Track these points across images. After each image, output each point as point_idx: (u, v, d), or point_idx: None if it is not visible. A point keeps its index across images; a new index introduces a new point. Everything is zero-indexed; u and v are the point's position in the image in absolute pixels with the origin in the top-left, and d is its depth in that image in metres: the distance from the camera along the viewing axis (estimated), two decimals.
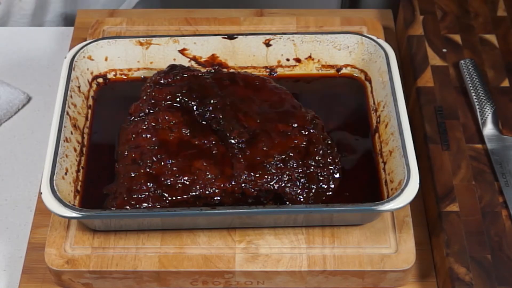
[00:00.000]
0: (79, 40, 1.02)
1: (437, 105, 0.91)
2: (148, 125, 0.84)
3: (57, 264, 0.80)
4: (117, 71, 0.94)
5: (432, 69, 0.95)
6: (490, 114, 0.89)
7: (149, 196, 0.79)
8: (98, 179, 0.84)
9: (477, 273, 0.77)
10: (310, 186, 0.81)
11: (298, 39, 0.93)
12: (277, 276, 0.80)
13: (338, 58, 0.94)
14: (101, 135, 0.89)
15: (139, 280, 0.81)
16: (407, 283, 0.82)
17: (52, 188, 0.78)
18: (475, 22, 1.00)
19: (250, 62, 0.94)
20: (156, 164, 0.81)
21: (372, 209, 0.77)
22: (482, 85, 0.91)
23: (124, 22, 1.03)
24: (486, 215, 0.82)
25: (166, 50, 0.93)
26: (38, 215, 0.87)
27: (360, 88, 0.93)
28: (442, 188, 0.84)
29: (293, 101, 0.88)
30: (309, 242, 0.81)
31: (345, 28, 1.01)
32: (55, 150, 0.81)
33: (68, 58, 0.90)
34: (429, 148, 0.87)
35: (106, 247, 0.81)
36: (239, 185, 0.80)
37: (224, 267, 0.80)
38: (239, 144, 0.83)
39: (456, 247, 0.79)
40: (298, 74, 0.95)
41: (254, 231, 0.82)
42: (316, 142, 0.84)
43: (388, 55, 0.89)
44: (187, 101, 0.87)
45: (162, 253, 0.81)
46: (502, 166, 0.85)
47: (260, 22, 1.03)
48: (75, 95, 0.88)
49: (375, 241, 0.81)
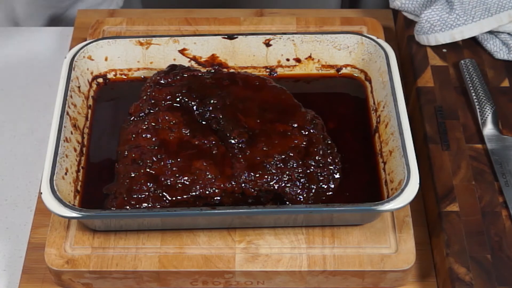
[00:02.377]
0: (79, 40, 1.02)
1: (437, 105, 0.91)
2: (148, 125, 0.84)
3: (57, 264, 0.80)
4: (117, 71, 0.94)
5: (432, 69, 0.95)
6: (490, 114, 0.89)
7: (149, 196, 0.79)
8: (98, 179, 0.84)
9: (477, 273, 0.77)
10: (310, 186, 0.81)
11: (298, 39, 0.93)
12: (277, 276, 0.80)
13: (338, 58, 0.94)
14: (101, 135, 0.89)
15: (139, 280, 0.81)
16: (407, 283, 0.82)
17: (52, 188, 0.78)
18: None
19: (250, 62, 0.94)
20: (156, 164, 0.81)
21: (372, 209, 0.77)
22: (482, 85, 0.91)
23: (124, 22, 1.03)
24: (486, 215, 0.82)
25: (166, 50, 0.93)
26: (38, 215, 0.87)
27: (360, 88, 0.93)
28: (442, 188, 0.84)
29: (293, 101, 0.88)
30: (309, 242, 0.81)
31: (345, 28, 1.01)
32: (55, 150, 0.81)
33: (68, 58, 0.90)
34: (429, 148, 0.87)
35: (106, 247, 0.81)
36: (239, 185, 0.80)
37: (224, 267, 0.80)
38: (239, 144, 0.83)
39: (456, 247, 0.79)
40: (298, 74, 0.95)
41: (254, 231, 0.82)
42: (316, 142, 0.84)
43: (388, 55, 0.89)
44: (187, 101, 0.87)
45: (162, 253, 0.81)
46: (502, 166, 0.85)
47: (260, 22, 1.03)
48: (75, 95, 0.88)
49: (375, 241, 0.81)
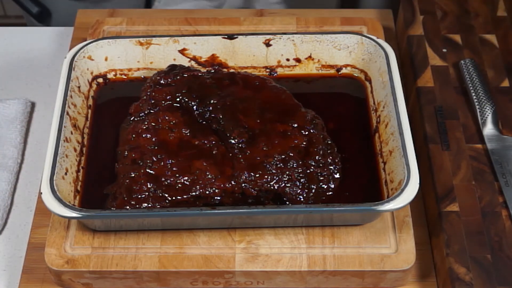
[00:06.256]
0: (79, 40, 1.02)
1: (437, 105, 0.91)
2: (148, 125, 0.84)
3: (57, 264, 0.80)
4: (117, 71, 0.94)
5: (432, 69, 0.95)
6: (490, 114, 0.89)
7: (149, 196, 0.79)
8: (98, 179, 0.84)
9: (477, 273, 0.77)
10: (310, 186, 0.81)
11: (298, 39, 0.93)
12: (277, 276, 0.80)
13: (338, 58, 0.94)
14: (101, 135, 0.89)
15: (139, 280, 0.81)
16: (407, 283, 0.82)
17: (52, 188, 0.78)
18: (475, 22, 1.00)
19: (250, 62, 0.94)
20: (156, 164, 0.81)
21: (372, 209, 0.77)
22: (482, 85, 0.91)
23: (124, 22, 1.03)
24: (486, 215, 0.82)
25: (166, 50, 0.93)
26: (38, 215, 0.87)
27: (360, 88, 0.93)
28: (442, 188, 0.84)
29: (293, 101, 0.88)
30: (309, 242, 0.81)
31: (345, 28, 1.01)
32: (55, 150, 0.81)
33: (68, 58, 0.90)
34: (429, 148, 0.87)
35: (106, 247, 0.81)
36: (239, 185, 0.80)
37: (224, 267, 0.80)
38: (239, 144, 0.83)
39: (456, 247, 0.79)
40: (298, 74, 0.95)
41: (254, 231, 0.82)
42: (316, 142, 0.84)
43: (388, 55, 0.89)
44: (187, 101, 0.87)
45: (162, 253, 0.81)
46: (502, 166, 0.85)
47: (260, 22, 1.03)
48: (75, 95, 0.88)
49: (375, 241, 0.81)
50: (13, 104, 0.98)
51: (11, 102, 0.98)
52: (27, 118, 0.98)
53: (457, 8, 1.02)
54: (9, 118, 0.97)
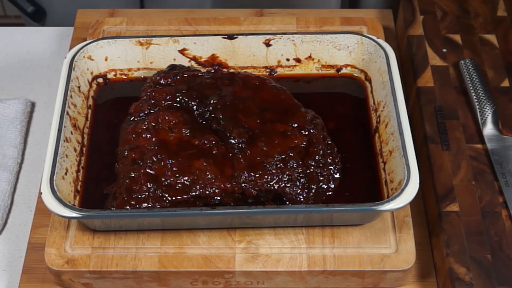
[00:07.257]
0: (79, 40, 1.02)
1: (437, 105, 0.91)
2: (148, 125, 0.84)
3: (57, 264, 0.80)
4: (117, 71, 0.94)
5: (432, 69, 0.95)
6: (490, 114, 0.89)
7: (149, 196, 0.79)
8: (98, 179, 0.85)
9: (477, 273, 0.77)
10: (310, 186, 0.81)
11: (298, 39, 0.93)
12: (277, 276, 0.80)
13: (338, 58, 0.94)
14: (101, 135, 0.89)
15: (139, 280, 0.81)
16: (407, 283, 0.82)
17: (52, 188, 0.78)
18: (475, 22, 1.00)
19: (250, 62, 0.94)
20: (156, 164, 0.81)
21: (372, 209, 0.77)
22: (482, 85, 0.91)
23: (124, 22, 1.03)
24: (486, 215, 0.82)
25: (166, 50, 0.93)
26: (38, 215, 0.87)
27: (360, 88, 0.93)
28: (442, 188, 0.84)
29: (293, 101, 0.88)
30: (309, 242, 0.81)
31: (345, 28, 1.01)
32: (55, 150, 0.81)
33: (68, 58, 0.90)
34: (429, 148, 0.87)
35: (106, 247, 0.81)
36: (239, 185, 0.80)
37: (224, 267, 0.80)
38: (239, 144, 0.83)
39: (456, 247, 0.79)
40: (298, 74, 0.95)
41: (254, 231, 0.82)
42: (316, 142, 0.84)
43: (388, 55, 0.89)
44: (187, 101, 0.87)
45: (162, 253, 0.81)
46: (502, 166, 0.85)
47: (260, 22, 1.03)
48: (75, 95, 0.88)
49: (375, 241, 0.81)
50: (13, 104, 0.98)
51: (11, 102, 0.98)
52: (27, 118, 0.98)
53: (457, 8, 1.02)
54: (9, 118, 0.97)
